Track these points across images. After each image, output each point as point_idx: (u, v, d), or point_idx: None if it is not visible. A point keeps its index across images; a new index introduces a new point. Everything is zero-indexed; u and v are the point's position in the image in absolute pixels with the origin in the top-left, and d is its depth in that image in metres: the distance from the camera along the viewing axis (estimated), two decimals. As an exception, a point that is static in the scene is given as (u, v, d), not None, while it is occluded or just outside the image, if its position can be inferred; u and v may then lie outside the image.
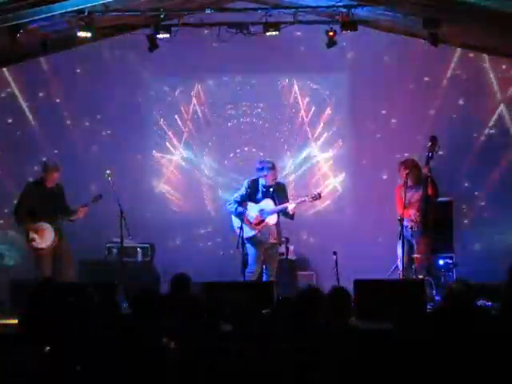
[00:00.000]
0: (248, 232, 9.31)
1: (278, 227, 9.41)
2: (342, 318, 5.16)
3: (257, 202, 9.33)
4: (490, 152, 10.76)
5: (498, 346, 4.77)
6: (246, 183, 9.46)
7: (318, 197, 9.28)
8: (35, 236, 9.31)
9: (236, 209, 9.42)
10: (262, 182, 9.32)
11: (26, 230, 9.36)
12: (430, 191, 9.01)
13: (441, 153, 9.98)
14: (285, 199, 9.32)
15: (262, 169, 9.32)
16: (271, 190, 9.32)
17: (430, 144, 9.07)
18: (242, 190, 9.46)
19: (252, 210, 9.33)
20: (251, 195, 9.39)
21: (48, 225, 9.33)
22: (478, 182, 10.80)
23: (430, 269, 9.07)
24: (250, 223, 9.29)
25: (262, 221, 9.29)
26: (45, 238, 9.32)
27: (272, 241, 9.41)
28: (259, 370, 4.59)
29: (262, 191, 9.33)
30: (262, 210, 9.29)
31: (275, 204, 9.28)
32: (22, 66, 10.94)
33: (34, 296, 5.31)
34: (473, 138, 10.82)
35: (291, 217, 9.33)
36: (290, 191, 10.31)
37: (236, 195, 9.51)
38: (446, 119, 10.77)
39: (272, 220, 9.32)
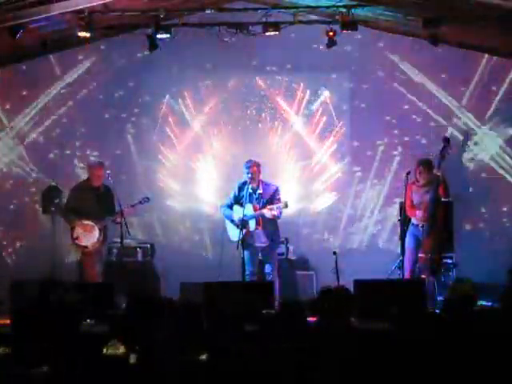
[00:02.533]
0: (236, 235, 9.33)
1: (266, 230, 9.38)
2: (342, 318, 5.15)
3: (242, 205, 9.36)
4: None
5: (498, 346, 4.76)
6: (236, 186, 9.53)
7: (285, 206, 9.25)
8: (79, 234, 9.29)
9: (224, 211, 9.54)
10: (249, 183, 9.34)
11: (72, 228, 9.33)
12: (441, 191, 9.05)
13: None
14: (269, 204, 9.30)
15: (243, 167, 9.37)
16: (258, 193, 9.33)
17: (442, 145, 9.10)
18: (233, 193, 9.54)
19: (238, 214, 9.36)
20: (239, 198, 9.44)
21: (93, 223, 9.28)
22: (479, 181, 10.80)
23: (434, 269, 9.06)
24: (237, 226, 9.32)
25: (246, 224, 9.30)
26: (89, 236, 9.28)
27: (259, 244, 9.40)
28: (259, 370, 4.58)
29: (249, 194, 9.34)
30: (245, 215, 9.29)
31: (254, 210, 9.29)
32: (21, 66, 10.96)
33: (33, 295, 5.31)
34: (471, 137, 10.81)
35: (269, 220, 9.31)
36: (287, 192, 10.40)
37: (227, 198, 9.59)
38: (446, 118, 10.76)
39: (251, 226, 9.31)
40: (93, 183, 9.40)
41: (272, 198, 9.34)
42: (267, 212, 9.23)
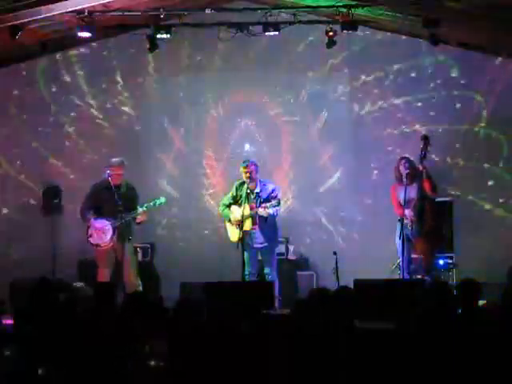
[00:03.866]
0: (235, 235, 9.35)
1: (264, 231, 9.39)
2: (344, 319, 5.15)
3: (241, 205, 9.37)
4: (490, 150, 10.74)
5: (499, 346, 4.76)
6: (234, 186, 9.53)
7: (278, 204, 9.25)
8: (93, 232, 9.29)
9: (223, 211, 9.54)
10: (247, 183, 9.34)
11: (87, 227, 9.34)
12: (427, 187, 9.04)
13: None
14: (265, 202, 9.29)
15: (241, 167, 9.40)
16: (255, 192, 9.32)
17: (422, 143, 9.13)
18: (231, 193, 9.54)
19: (235, 214, 9.37)
20: (237, 198, 9.44)
21: (107, 222, 9.23)
22: (479, 180, 10.78)
23: (428, 268, 9.05)
24: (237, 226, 9.33)
25: (243, 224, 9.31)
26: (102, 235, 9.22)
27: (257, 245, 9.39)
28: (259, 370, 4.59)
29: (246, 194, 9.33)
30: (242, 215, 9.29)
31: (250, 209, 9.29)
32: (22, 65, 10.97)
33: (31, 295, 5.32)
34: (471, 137, 10.79)
35: (265, 219, 9.32)
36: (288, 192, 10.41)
37: (225, 198, 9.61)
38: (445, 118, 10.76)
39: (247, 226, 9.30)
40: (112, 182, 9.37)
41: (269, 198, 9.33)
42: (262, 211, 9.23)
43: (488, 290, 7.41)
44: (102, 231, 9.22)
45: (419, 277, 8.85)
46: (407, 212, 9.04)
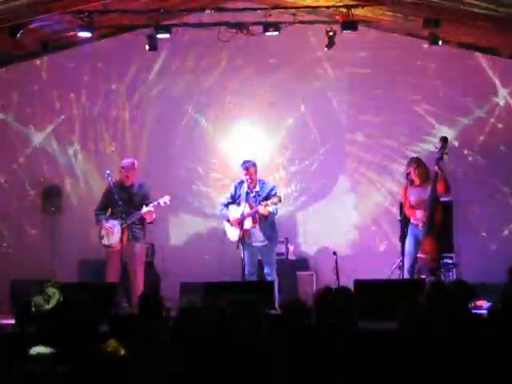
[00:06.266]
0: (234, 235, 9.34)
1: (263, 230, 9.39)
2: (344, 319, 5.15)
3: (239, 204, 9.38)
4: (491, 150, 10.74)
5: (498, 346, 4.77)
6: (232, 185, 9.54)
7: (279, 201, 9.29)
8: (103, 234, 9.27)
9: (221, 211, 9.57)
10: (247, 183, 9.35)
11: (99, 227, 9.33)
12: (440, 188, 9.05)
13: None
14: (264, 201, 9.30)
15: (241, 167, 9.43)
16: (255, 191, 9.34)
17: (440, 145, 9.14)
18: (229, 193, 9.58)
19: (235, 213, 9.37)
20: (236, 197, 9.46)
21: (116, 223, 9.24)
22: (479, 181, 10.78)
23: (435, 269, 9.04)
24: (237, 225, 9.33)
25: (242, 223, 9.32)
26: (111, 236, 9.22)
27: (257, 244, 9.40)
28: (259, 370, 4.59)
29: (246, 193, 9.35)
30: (242, 214, 9.31)
31: (250, 208, 9.30)
32: (21, 66, 10.97)
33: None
34: (473, 137, 10.79)
35: (265, 217, 9.33)
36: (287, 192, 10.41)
37: (224, 197, 9.62)
38: (446, 118, 10.76)
39: (247, 224, 9.31)
40: (123, 183, 9.36)
41: (269, 196, 9.35)
42: (262, 209, 9.24)
43: (488, 290, 7.44)
44: (111, 232, 9.23)
45: (423, 277, 8.84)
46: (418, 213, 9.06)
